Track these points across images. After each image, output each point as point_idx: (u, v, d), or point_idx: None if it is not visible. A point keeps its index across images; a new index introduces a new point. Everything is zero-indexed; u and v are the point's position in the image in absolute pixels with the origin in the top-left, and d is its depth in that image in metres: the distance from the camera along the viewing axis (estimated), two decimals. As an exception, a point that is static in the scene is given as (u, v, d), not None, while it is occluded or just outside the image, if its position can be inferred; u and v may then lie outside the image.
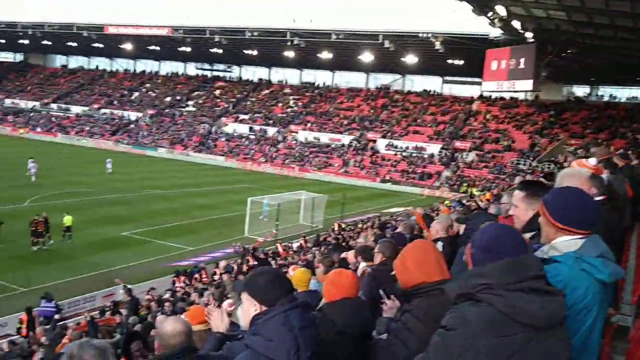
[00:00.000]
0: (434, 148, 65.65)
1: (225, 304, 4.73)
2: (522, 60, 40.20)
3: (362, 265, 6.15)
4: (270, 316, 2.64)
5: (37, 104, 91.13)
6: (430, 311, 3.05)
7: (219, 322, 3.96)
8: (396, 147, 67.41)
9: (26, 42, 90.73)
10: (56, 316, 16.55)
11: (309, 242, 27.01)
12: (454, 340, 2.18)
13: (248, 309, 2.78)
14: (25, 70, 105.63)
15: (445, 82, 78.84)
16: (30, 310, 16.38)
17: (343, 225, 30.36)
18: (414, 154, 65.68)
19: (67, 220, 27.64)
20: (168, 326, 3.15)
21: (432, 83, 79.55)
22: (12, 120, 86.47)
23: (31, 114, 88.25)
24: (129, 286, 16.80)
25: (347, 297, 3.61)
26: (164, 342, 3.10)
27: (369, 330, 3.66)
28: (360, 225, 28.95)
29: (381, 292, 3.96)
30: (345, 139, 70.87)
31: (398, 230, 10.75)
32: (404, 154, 66.23)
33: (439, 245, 5.56)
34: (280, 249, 25.05)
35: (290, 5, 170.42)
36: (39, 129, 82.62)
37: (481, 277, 2.24)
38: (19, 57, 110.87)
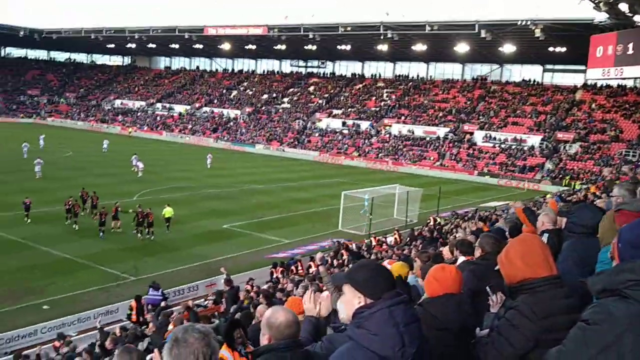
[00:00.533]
0: (534, 140, 63.00)
1: (325, 294, 4.83)
2: (631, 45, 37.61)
3: (461, 259, 6.06)
4: (375, 310, 2.62)
5: (143, 104, 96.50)
6: (537, 308, 2.96)
7: (311, 306, 4.03)
8: (494, 139, 65.34)
9: (133, 45, 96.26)
10: (162, 304, 17.54)
11: (403, 236, 26.83)
12: (596, 335, 2.12)
13: (351, 300, 2.76)
14: (133, 72, 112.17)
15: (545, 70, 75.38)
16: (139, 298, 17.44)
17: (439, 220, 29.88)
18: (513, 146, 63.38)
19: (167, 212, 29.29)
20: (281, 317, 3.12)
21: (531, 72, 76.28)
22: (121, 120, 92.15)
23: (138, 114, 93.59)
24: (230, 276, 17.52)
25: (450, 292, 3.52)
26: (278, 332, 3.06)
27: (471, 327, 3.54)
28: (457, 220, 28.40)
29: (487, 288, 3.86)
30: (441, 131, 69.59)
31: (498, 224, 10.50)
32: (503, 146, 64.09)
33: (544, 237, 5.37)
34: (374, 243, 25.07)
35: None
36: (145, 128, 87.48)
37: (631, 273, 2.16)
38: (127, 60, 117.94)
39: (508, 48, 62.56)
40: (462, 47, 65.12)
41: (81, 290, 20.40)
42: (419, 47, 68.93)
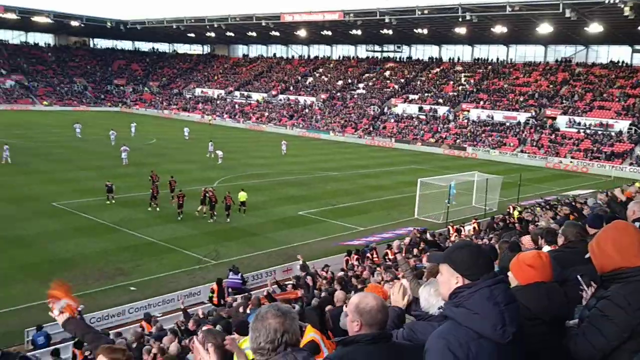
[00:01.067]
0: (622, 124, 59.72)
1: (404, 282, 4.83)
2: None
3: (546, 249, 5.89)
4: (475, 290, 2.66)
5: (222, 92, 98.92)
6: (632, 298, 2.86)
7: (399, 298, 4.06)
8: (579, 124, 62.46)
9: (212, 34, 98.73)
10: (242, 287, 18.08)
11: (482, 225, 26.23)
12: None
13: (448, 280, 2.80)
14: (212, 61, 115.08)
15: (635, 51, 70.87)
16: (220, 281, 18.05)
17: (519, 208, 28.97)
18: (599, 132, 60.37)
19: (242, 196, 30.54)
20: (372, 302, 3.10)
21: (619, 53, 72.04)
22: (202, 108, 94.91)
23: (217, 102, 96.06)
24: (305, 263, 17.80)
25: (541, 280, 3.40)
26: (370, 317, 3.04)
27: (563, 317, 3.43)
28: (539, 208, 27.46)
29: (579, 278, 3.74)
30: (521, 116, 67.23)
31: (587, 212, 10.12)
32: (588, 131, 61.18)
33: (637, 225, 5.12)
34: (451, 231, 24.69)
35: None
36: (225, 116, 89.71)
37: None
38: (206, 49, 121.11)
39: (594, 28, 59.39)
40: (544, 28, 62.43)
41: (166, 273, 21.34)
42: (499, 29, 66.69)
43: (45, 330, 14.98)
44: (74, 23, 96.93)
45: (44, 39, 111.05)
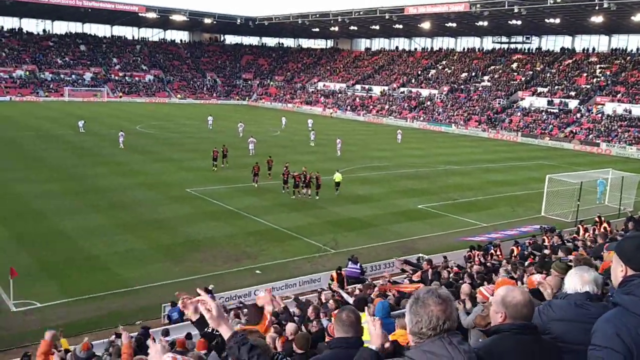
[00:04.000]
0: None
1: (549, 278, 4.79)
2: None
3: None
4: None
5: (343, 85, 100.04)
6: None
7: (549, 292, 4.06)
8: None
9: (336, 28, 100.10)
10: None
11: (613, 226, 24.49)
12: None
13: (615, 268, 2.88)
14: (335, 54, 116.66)
15: None
16: (340, 269, 18.47)
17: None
18: None
19: (337, 177, 32.77)
20: (519, 296, 3.11)
21: None
22: (323, 101, 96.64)
23: (339, 95, 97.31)
24: (429, 257, 17.67)
25: None
26: (515, 311, 3.05)
27: None
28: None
29: None
30: (665, 111, 61.81)
31: None
32: None
33: None
34: (581, 231, 23.35)
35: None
36: (347, 109, 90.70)
37: None
38: (330, 43, 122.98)
39: None
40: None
41: (288, 259, 22.15)
42: (639, 17, 61.71)
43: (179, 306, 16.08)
44: (207, 20, 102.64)
45: (180, 36, 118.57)
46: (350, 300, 11.74)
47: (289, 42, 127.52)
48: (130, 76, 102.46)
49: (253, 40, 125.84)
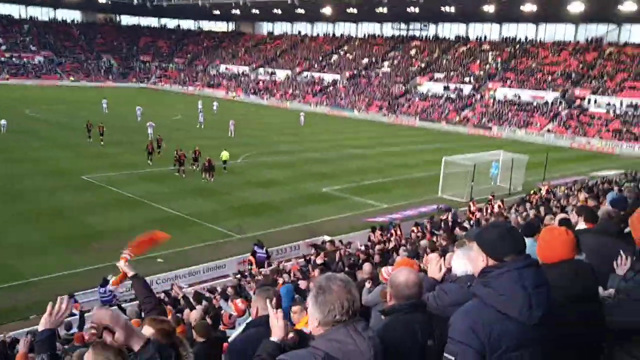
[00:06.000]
0: (654, 105, 58.41)
1: (448, 255, 4.92)
2: None
3: (581, 226, 5.80)
4: (503, 271, 2.66)
5: (246, 69, 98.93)
6: None
7: (435, 269, 4.14)
8: (608, 104, 61.25)
9: (237, 12, 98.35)
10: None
11: (506, 204, 26.01)
12: None
13: (476, 258, 2.82)
14: (237, 38, 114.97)
15: (671, 29, 69.02)
16: (255, 252, 18.46)
17: (542, 188, 28.70)
18: (630, 112, 59.14)
19: (224, 155, 33.83)
20: (402, 277, 3.17)
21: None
22: (226, 84, 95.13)
23: (242, 79, 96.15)
24: (332, 238, 17.94)
25: (564, 259, 3.34)
26: (398, 292, 3.14)
27: (593, 294, 3.39)
28: (563, 189, 27.22)
29: (620, 251, 3.75)
30: (549, 96, 66.16)
31: (612, 194, 10.09)
32: (618, 112, 59.97)
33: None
34: (473, 208, 24.60)
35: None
36: (250, 92, 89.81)
37: None
38: (231, 26, 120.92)
39: (628, 6, 57.86)
40: (575, 7, 61.01)
41: (192, 246, 21.65)
42: (528, 7, 65.26)
43: (76, 298, 15.41)
44: (101, 0, 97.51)
45: (72, 16, 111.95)
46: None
47: (189, 24, 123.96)
48: (18, 57, 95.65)
49: (151, 22, 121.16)
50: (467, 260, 3.70)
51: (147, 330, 2.94)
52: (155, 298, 4.80)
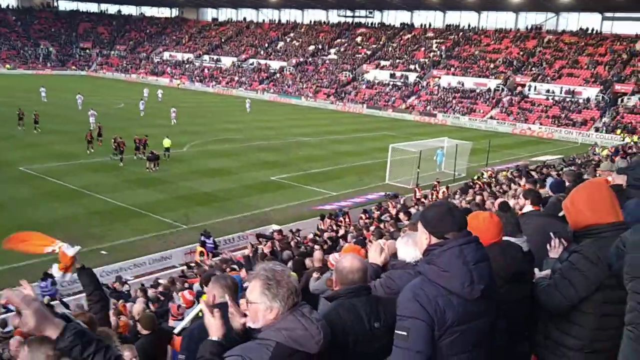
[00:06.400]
0: (590, 92, 60.70)
1: (382, 241, 4.94)
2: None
3: (528, 208, 5.90)
4: (446, 248, 2.74)
5: (191, 56, 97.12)
6: (602, 253, 2.97)
7: (376, 255, 4.16)
8: (548, 91, 63.28)
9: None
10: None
11: (450, 190, 26.58)
12: None
13: (420, 237, 2.90)
14: (181, 24, 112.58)
15: (605, 19, 71.67)
16: (204, 243, 18.24)
17: (485, 173, 29.44)
18: (568, 99, 61.27)
19: (166, 142, 33.75)
20: (346, 262, 3.22)
21: (589, 21, 72.69)
22: (170, 72, 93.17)
23: (186, 66, 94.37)
24: (280, 227, 17.88)
25: (492, 241, 3.43)
26: (342, 277, 3.17)
27: (521, 273, 3.53)
28: (505, 174, 27.97)
29: (552, 234, 3.85)
30: (492, 83, 67.79)
31: (562, 177, 10.39)
32: (556, 98, 62.04)
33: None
34: (418, 194, 25.02)
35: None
36: (196, 80, 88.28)
37: None
38: (175, 12, 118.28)
39: (565, -5, 59.85)
40: (516, -5, 62.64)
41: (137, 237, 21.20)
42: (471, -5, 66.66)
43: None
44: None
45: (7, 1, 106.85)
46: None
47: (130, 9, 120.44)
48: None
49: (91, 7, 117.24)
50: (413, 245, 3.73)
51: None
52: (102, 291, 4.64)
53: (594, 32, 71.23)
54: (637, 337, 2.30)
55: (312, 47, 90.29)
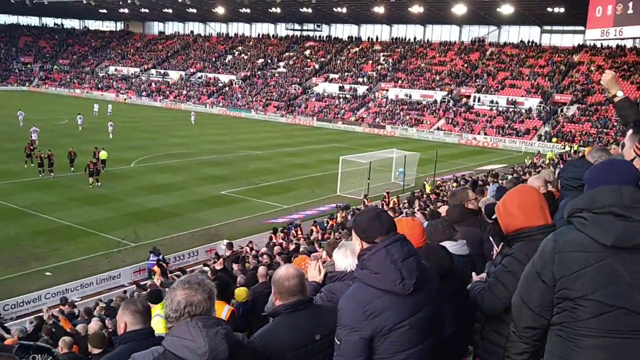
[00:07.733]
0: (532, 102, 62.82)
1: (318, 253, 4.98)
2: (630, 4, 37.04)
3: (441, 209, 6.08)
4: (374, 251, 2.86)
5: (137, 70, 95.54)
6: (532, 255, 3.10)
7: (315, 273, 4.20)
8: (492, 102, 65.13)
9: (126, 10, 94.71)
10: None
11: (400, 200, 27.02)
12: None
13: (354, 244, 3.04)
14: (126, 38, 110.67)
15: (544, 32, 74.64)
16: (164, 260, 18.04)
17: (428, 184, 30.09)
18: (510, 109, 63.22)
19: (103, 155, 33.28)
20: (281, 270, 3.26)
21: (529, 33, 75.64)
22: (116, 86, 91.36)
23: (133, 80, 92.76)
24: (231, 242, 17.72)
25: (416, 244, 3.42)
26: (279, 285, 3.19)
27: (450, 274, 3.67)
28: (451, 183, 28.62)
29: (490, 238, 4.00)
30: (438, 95, 69.28)
31: (491, 187, 10.68)
32: (500, 109, 63.92)
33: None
34: (367, 203, 25.32)
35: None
36: (143, 95, 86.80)
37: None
38: (120, 25, 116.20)
39: (506, 9, 61.85)
40: (459, 9, 64.28)
41: (83, 257, 20.62)
42: (416, 8, 67.88)
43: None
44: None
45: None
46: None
47: (73, 23, 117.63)
48: None
49: (32, 21, 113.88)
50: (351, 254, 3.78)
51: None
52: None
53: (534, 44, 73.95)
54: (568, 336, 2.39)
55: (260, 60, 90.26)
